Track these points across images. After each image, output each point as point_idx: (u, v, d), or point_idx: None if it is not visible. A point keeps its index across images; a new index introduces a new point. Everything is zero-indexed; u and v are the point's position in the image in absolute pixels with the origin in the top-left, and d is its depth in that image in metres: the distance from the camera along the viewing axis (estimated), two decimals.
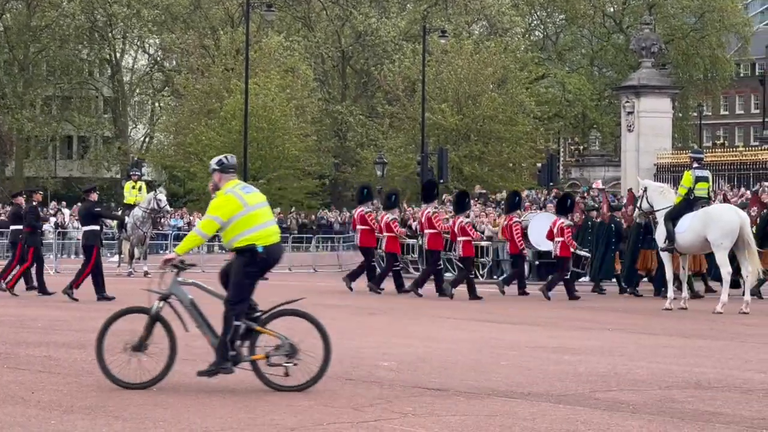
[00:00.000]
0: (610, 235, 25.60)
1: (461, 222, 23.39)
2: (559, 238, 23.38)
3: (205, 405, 9.62)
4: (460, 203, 24.55)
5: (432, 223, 24.24)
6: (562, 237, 23.30)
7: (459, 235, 23.34)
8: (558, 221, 23.67)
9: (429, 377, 11.24)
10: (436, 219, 24.33)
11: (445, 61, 62.79)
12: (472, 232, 23.46)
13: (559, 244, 23.41)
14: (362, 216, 25.48)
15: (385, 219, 25.24)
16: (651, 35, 43.04)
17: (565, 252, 23.37)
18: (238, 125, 58.00)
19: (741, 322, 17.87)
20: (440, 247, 24.50)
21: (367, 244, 25.45)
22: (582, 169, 52.89)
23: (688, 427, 8.80)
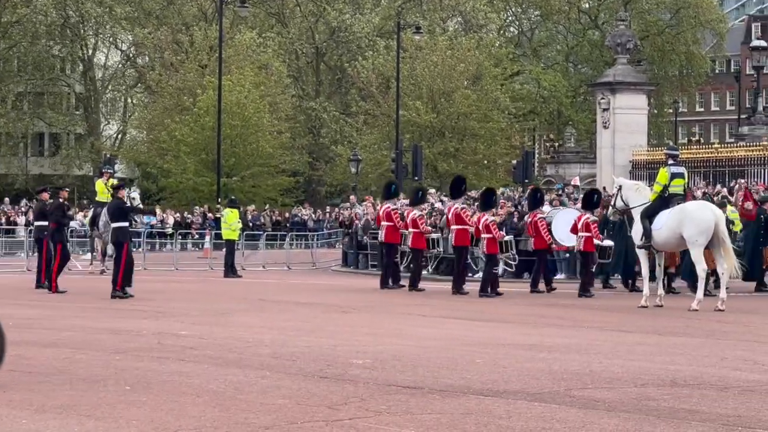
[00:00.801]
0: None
1: (486, 219, 23.47)
2: (584, 233, 23.51)
3: (178, 403, 9.55)
4: (486, 201, 24.58)
5: (460, 219, 24.28)
6: (588, 232, 23.47)
7: (484, 232, 23.43)
8: (583, 216, 23.79)
9: (403, 375, 11.19)
10: (464, 215, 24.36)
11: (419, 58, 62.77)
12: (495, 231, 23.50)
13: (584, 239, 23.56)
14: (388, 213, 25.54)
15: (411, 215, 25.29)
16: (626, 32, 43.09)
17: (590, 247, 23.57)
18: (212, 122, 57.87)
19: (717, 319, 17.87)
20: (467, 243, 24.52)
21: (392, 240, 25.50)
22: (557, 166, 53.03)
23: (663, 425, 8.76)
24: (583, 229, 23.50)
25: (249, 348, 13.42)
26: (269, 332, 15.41)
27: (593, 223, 23.71)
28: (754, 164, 37.78)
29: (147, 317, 17.60)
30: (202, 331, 15.51)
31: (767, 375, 11.38)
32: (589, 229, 23.47)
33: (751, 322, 17.58)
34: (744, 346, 14.00)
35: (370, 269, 35.80)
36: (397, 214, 25.45)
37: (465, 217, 24.18)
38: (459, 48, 62.94)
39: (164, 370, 11.47)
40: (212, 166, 57.67)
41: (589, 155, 52.22)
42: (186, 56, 67.91)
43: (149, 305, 20.10)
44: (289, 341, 14.18)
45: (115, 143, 77.78)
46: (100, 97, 76.64)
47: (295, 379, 10.83)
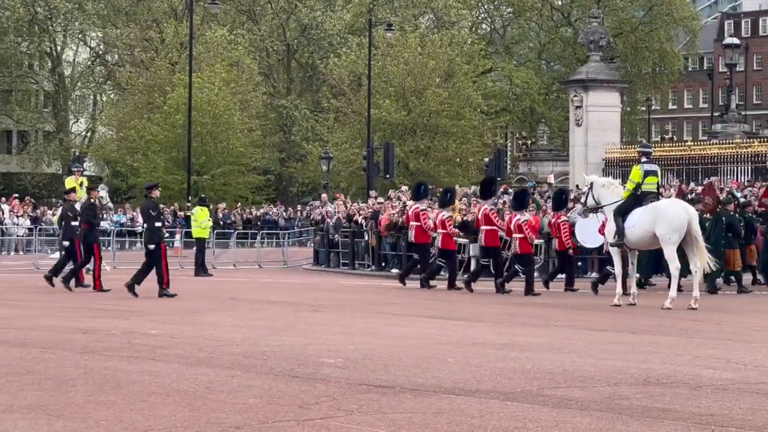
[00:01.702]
0: None
1: (518, 219, 23.51)
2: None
3: (147, 403, 9.49)
4: (519, 201, 24.62)
5: (490, 220, 24.35)
6: None
7: (515, 232, 23.51)
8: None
9: (375, 374, 11.15)
10: (493, 215, 24.46)
11: (390, 55, 62.72)
12: (526, 230, 23.53)
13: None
14: (417, 213, 25.58)
15: (440, 216, 25.31)
16: (599, 29, 43.11)
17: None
18: (182, 120, 57.67)
19: (690, 318, 17.88)
20: (497, 243, 24.60)
21: (422, 240, 25.49)
22: (530, 163, 53.00)
23: (636, 424, 8.74)
24: None
25: (220, 347, 13.35)
26: (240, 331, 15.35)
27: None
28: (727, 162, 37.90)
29: (117, 316, 17.50)
30: (173, 330, 15.43)
31: (740, 373, 11.38)
32: None
33: (724, 320, 17.62)
34: (717, 345, 14.01)
35: (341, 268, 35.78)
36: (426, 214, 25.45)
37: (494, 218, 24.31)
38: (431, 45, 62.91)
39: (134, 369, 11.39)
40: (183, 164, 57.47)
41: (561, 153, 52.24)
42: (156, 53, 67.65)
43: (119, 304, 20.00)
44: (260, 340, 14.12)
45: (84, 141, 77.39)
46: (69, 95, 76.25)
47: (266, 379, 10.77)
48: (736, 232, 24.63)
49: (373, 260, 34.31)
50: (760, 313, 18.86)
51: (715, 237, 24.28)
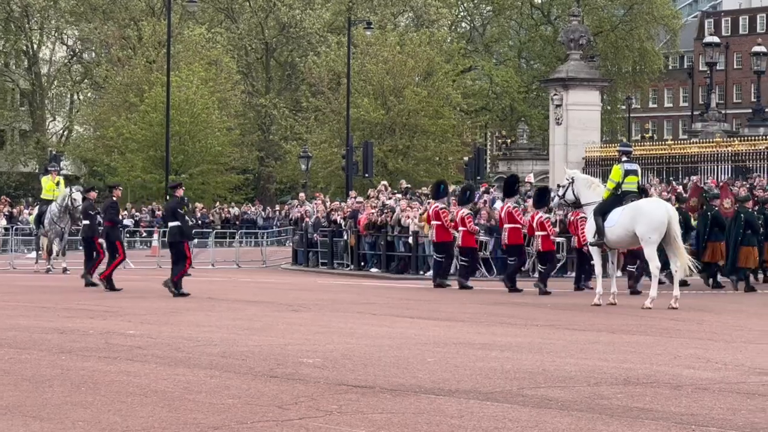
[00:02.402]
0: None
1: (540, 217, 23.49)
2: None
3: (125, 404, 9.45)
4: (540, 199, 24.70)
5: (513, 218, 24.44)
6: None
7: (537, 230, 23.53)
8: None
9: (354, 374, 11.12)
10: (517, 213, 24.55)
11: (369, 54, 62.69)
12: (549, 228, 23.56)
13: None
14: (437, 211, 25.61)
15: (460, 214, 25.37)
16: (579, 27, 43.13)
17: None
18: (160, 118, 57.48)
19: (670, 317, 17.85)
20: (521, 241, 24.69)
21: (443, 239, 25.50)
22: (510, 162, 53.00)
23: (616, 424, 8.73)
24: None
25: (198, 347, 13.30)
26: (218, 331, 15.29)
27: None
28: (707, 161, 38.01)
29: (94, 316, 17.41)
30: (151, 330, 15.37)
31: (720, 373, 11.39)
32: None
33: (704, 320, 17.61)
34: (697, 344, 14.01)
35: (320, 267, 35.72)
36: (447, 213, 25.51)
37: (517, 216, 24.38)
38: (410, 44, 62.89)
39: (112, 370, 11.33)
40: (161, 163, 57.29)
41: (541, 152, 52.28)
42: (133, 52, 67.41)
43: (96, 304, 19.89)
44: (239, 340, 14.07)
45: (61, 140, 77.05)
46: (45, 93, 75.90)
47: (245, 379, 10.74)
48: (755, 228, 24.76)
49: (352, 260, 34.27)
50: (740, 313, 18.88)
51: (734, 234, 24.43)
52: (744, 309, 19.66)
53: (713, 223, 25.05)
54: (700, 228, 25.33)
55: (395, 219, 32.31)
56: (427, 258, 31.57)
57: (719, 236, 24.89)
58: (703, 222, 25.30)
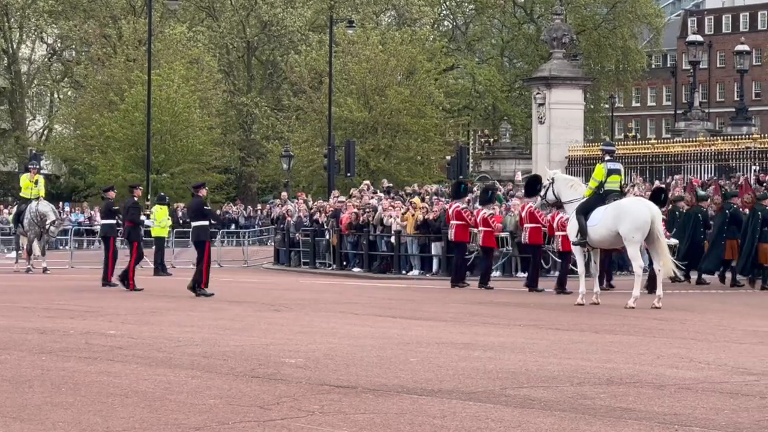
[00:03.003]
0: (697, 224, 26.14)
1: (561, 217, 23.62)
2: None
3: (106, 405, 9.40)
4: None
5: (534, 218, 24.55)
6: None
7: (558, 230, 23.66)
8: None
9: (336, 374, 11.09)
10: (538, 213, 24.63)
11: (351, 53, 62.63)
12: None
13: None
14: (458, 212, 25.61)
15: (481, 214, 25.42)
16: (562, 26, 43.11)
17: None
18: (141, 117, 57.32)
19: (653, 317, 17.83)
20: (541, 241, 24.83)
21: (462, 239, 25.58)
22: (492, 162, 53.04)
23: (599, 424, 8.70)
24: None
25: (179, 347, 13.25)
26: (200, 331, 15.24)
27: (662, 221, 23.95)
28: (690, 160, 38.03)
29: (74, 317, 17.34)
30: (131, 330, 15.31)
31: (703, 372, 11.38)
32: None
33: (688, 319, 17.60)
34: (680, 344, 14.00)
35: (302, 267, 35.67)
36: (468, 212, 25.52)
37: (539, 216, 24.48)
38: (392, 42, 62.83)
39: (92, 370, 11.28)
40: (142, 162, 57.12)
41: (524, 151, 52.29)
42: (114, 50, 67.19)
43: (77, 304, 19.82)
44: (220, 340, 14.02)
45: (41, 139, 76.74)
46: (25, 92, 75.57)
47: (227, 379, 10.69)
48: None
49: (334, 259, 34.25)
50: (723, 312, 18.89)
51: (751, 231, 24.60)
52: (727, 308, 19.69)
53: (731, 221, 25.18)
54: (718, 225, 25.52)
55: (377, 218, 32.30)
56: (409, 257, 31.57)
57: (736, 234, 25.08)
58: (721, 219, 25.49)
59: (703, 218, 26.24)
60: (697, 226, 26.10)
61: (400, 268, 31.39)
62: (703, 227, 26.12)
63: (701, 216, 26.28)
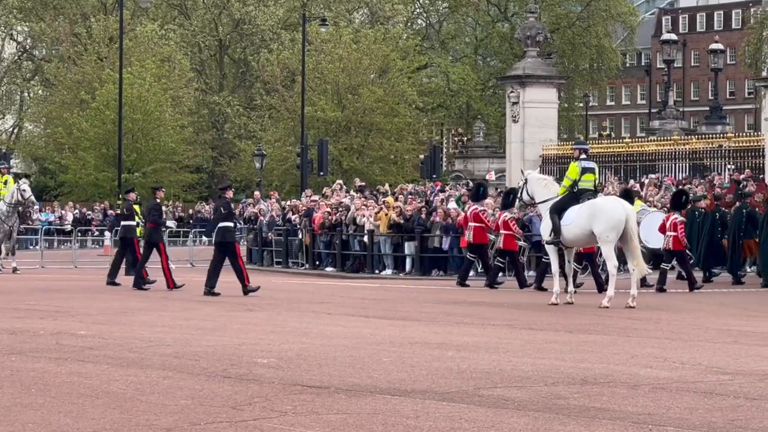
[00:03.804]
0: (714, 224, 26.31)
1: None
2: (671, 233, 23.93)
3: (77, 406, 9.34)
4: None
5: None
6: (675, 232, 23.92)
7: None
8: (671, 217, 24.28)
9: (309, 374, 11.04)
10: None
11: (324, 51, 62.54)
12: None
13: (671, 238, 23.94)
14: (476, 214, 25.59)
15: (502, 217, 25.44)
16: (536, 24, 43.12)
17: (678, 246, 23.99)
18: (112, 116, 57.11)
19: (627, 316, 17.80)
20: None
21: (481, 241, 25.60)
22: (466, 161, 52.98)
23: (574, 424, 8.68)
24: (671, 228, 23.99)
25: (150, 348, 13.19)
26: (171, 331, 15.18)
27: (680, 224, 24.18)
28: (665, 159, 38.15)
29: (45, 317, 17.22)
30: (102, 330, 15.22)
31: (677, 372, 11.37)
32: (676, 229, 23.96)
33: (662, 319, 17.58)
34: (654, 344, 13.98)
35: (275, 266, 35.56)
36: (486, 215, 25.47)
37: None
38: (365, 40, 62.74)
39: (62, 371, 11.20)
40: (113, 161, 56.88)
41: (498, 150, 52.25)
42: (84, 48, 66.86)
43: (47, 304, 19.69)
44: (192, 340, 13.97)
45: (11, 138, 76.32)
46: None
47: (198, 380, 10.64)
48: None
49: (307, 259, 34.17)
50: (697, 312, 18.91)
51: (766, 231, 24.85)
52: (702, 308, 19.71)
53: (747, 220, 25.37)
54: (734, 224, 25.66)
55: (350, 218, 32.23)
56: (382, 257, 31.52)
57: (753, 233, 25.22)
58: (738, 219, 25.61)
59: (721, 219, 26.42)
60: (715, 227, 26.27)
61: (373, 268, 31.34)
62: (721, 228, 26.31)
63: (719, 216, 26.47)
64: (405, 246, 30.86)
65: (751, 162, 35.43)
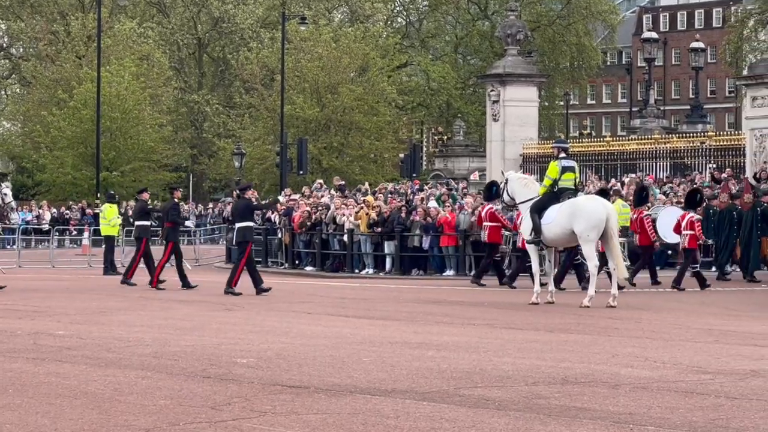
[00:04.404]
0: (732, 222, 26.33)
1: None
2: (688, 231, 23.96)
3: (54, 406, 9.31)
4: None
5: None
6: (692, 230, 23.97)
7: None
8: (687, 215, 24.30)
9: (288, 374, 11.03)
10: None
11: (304, 50, 62.43)
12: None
13: (688, 236, 23.96)
14: (492, 213, 25.54)
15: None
16: (517, 22, 43.04)
17: (693, 244, 24.04)
18: (90, 114, 56.89)
19: (608, 316, 17.76)
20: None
21: (495, 240, 25.58)
22: (446, 159, 52.96)
23: (554, 423, 8.67)
24: (688, 227, 23.99)
25: (129, 348, 13.15)
26: (150, 331, 15.14)
27: (697, 222, 24.21)
28: (645, 158, 38.14)
29: (22, 317, 17.15)
30: (80, 330, 15.18)
31: (658, 372, 11.36)
32: (693, 227, 24.00)
33: (643, 318, 17.54)
34: (635, 343, 13.97)
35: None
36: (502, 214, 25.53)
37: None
38: (344, 39, 62.64)
39: (40, 371, 11.15)
40: (91, 160, 56.68)
41: (478, 149, 52.23)
42: (62, 46, 66.58)
43: (25, 304, 19.62)
44: (171, 340, 13.93)
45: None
46: None
47: (177, 380, 10.62)
48: None
49: (286, 258, 34.08)
50: (678, 311, 18.90)
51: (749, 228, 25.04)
52: (682, 307, 19.71)
53: (763, 218, 25.48)
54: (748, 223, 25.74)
55: (330, 217, 32.17)
56: (362, 256, 31.46)
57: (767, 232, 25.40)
58: (752, 217, 25.68)
59: (737, 217, 26.50)
60: (732, 225, 26.37)
61: (353, 267, 31.28)
62: (737, 226, 26.40)
63: (736, 215, 26.56)
64: (385, 245, 30.81)
65: (732, 161, 35.47)
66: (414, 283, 26.99)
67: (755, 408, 9.32)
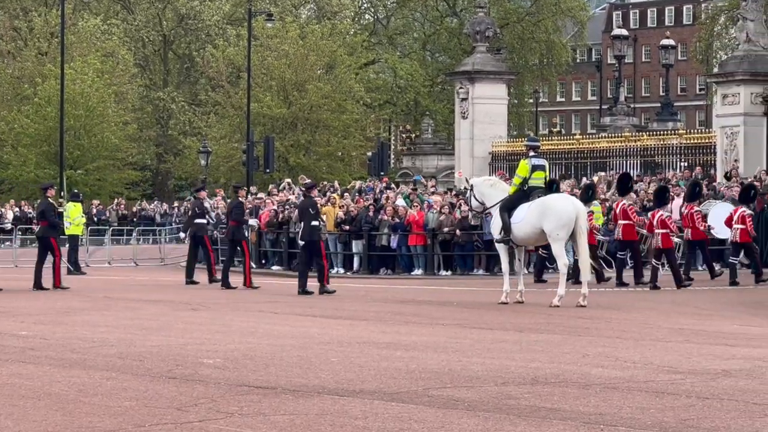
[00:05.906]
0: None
1: (662, 215, 23.64)
2: (739, 225, 24.12)
3: (18, 408, 9.24)
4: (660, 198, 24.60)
5: (627, 215, 24.45)
6: (743, 225, 24.13)
7: (658, 228, 23.63)
8: (740, 210, 24.46)
9: (255, 375, 11.00)
10: (631, 211, 24.59)
11: (270, 47, 62.23)
12: (671, 225, 23.81)
13: (739, 230, 24.09)
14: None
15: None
16: (485, 19, 43.03)
17: (746, 238, 24.19)
18: (54, 112, 56.51)
19: (578, 315, 17.72)
20: (635, 237, 24.73)
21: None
22: (414, 157, 52.85)
23: (524, 424, 8.65)
24: (739, 221, 24.15)
25: (93, 348, 13.09)
26: (115, 331, 15.07)
27: (749, 217, 24.35)
28: (616, 155, 38.19)
29: None
30: (44, 331, 15.12)
31: (629, 372, 11.35)
32: (744, 222, 24.14)
33: (613, 318, 17.51)
34: (605, 343, 13.96)
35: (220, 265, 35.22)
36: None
37: (631, 214, 24.47)
38: (311, 36, 62.46)
39: (3, 372, 11.08)
40: (55, 158, 56.28)
41: (447, 147, 52.18)
42: (24, 43, 66.09)
43: None
44: (137, 340, 13.87)
45: None
46: None
47: (143, 380, 10.57)
48: None
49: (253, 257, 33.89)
50: (649, 311, 18.91)
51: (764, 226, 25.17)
52: (653, 307, 19.73)
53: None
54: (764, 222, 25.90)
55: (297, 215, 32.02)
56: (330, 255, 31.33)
57: None
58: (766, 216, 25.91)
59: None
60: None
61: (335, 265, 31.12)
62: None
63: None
64: (353, 244, 30.72)
65: (703, 159, 35.58)
66: (382, 282, 26.93)
67: (726, 408, 9.32)
